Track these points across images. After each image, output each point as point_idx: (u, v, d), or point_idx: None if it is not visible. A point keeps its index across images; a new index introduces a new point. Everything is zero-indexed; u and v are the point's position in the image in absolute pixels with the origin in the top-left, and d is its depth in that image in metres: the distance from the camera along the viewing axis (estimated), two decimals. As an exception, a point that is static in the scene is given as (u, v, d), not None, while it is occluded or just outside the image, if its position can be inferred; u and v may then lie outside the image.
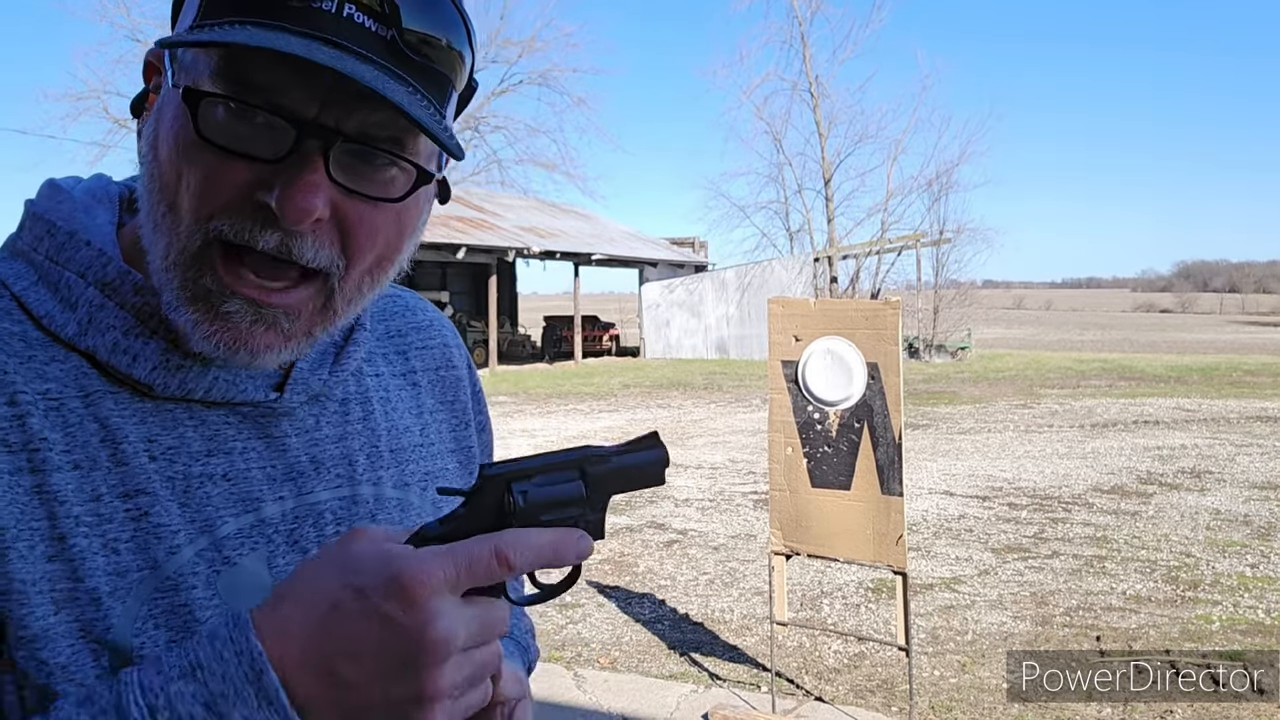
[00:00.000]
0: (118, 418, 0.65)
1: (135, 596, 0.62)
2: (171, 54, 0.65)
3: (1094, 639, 4.42)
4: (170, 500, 0.65)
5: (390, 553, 0.56)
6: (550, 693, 3.89)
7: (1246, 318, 67.15)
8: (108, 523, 0.62)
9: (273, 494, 0.69)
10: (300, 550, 0.70)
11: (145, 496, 0.64)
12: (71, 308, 0.66)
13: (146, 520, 0.64)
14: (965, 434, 11.33)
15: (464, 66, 0.67)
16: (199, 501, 0.66)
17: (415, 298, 0.92)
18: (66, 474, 0.62)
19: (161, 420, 0.66)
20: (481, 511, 0.60)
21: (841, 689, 3.93)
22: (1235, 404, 13.93)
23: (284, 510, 0.70)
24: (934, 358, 24.82)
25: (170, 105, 0.64)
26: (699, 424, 12.82)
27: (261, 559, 0.68)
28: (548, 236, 25.62)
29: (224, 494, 0.67)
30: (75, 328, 0.65)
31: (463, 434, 0.88)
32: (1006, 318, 53.91)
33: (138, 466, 0.64)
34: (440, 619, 0.54)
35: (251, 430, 0.70)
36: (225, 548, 0.66)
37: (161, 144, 0.63)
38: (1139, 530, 6.48)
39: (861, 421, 3.43)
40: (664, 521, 6.96)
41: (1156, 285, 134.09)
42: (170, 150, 0.62)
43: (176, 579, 0.63)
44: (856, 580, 5.35)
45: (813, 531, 3.54)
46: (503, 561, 0.57)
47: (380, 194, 0.64)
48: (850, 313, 3.51)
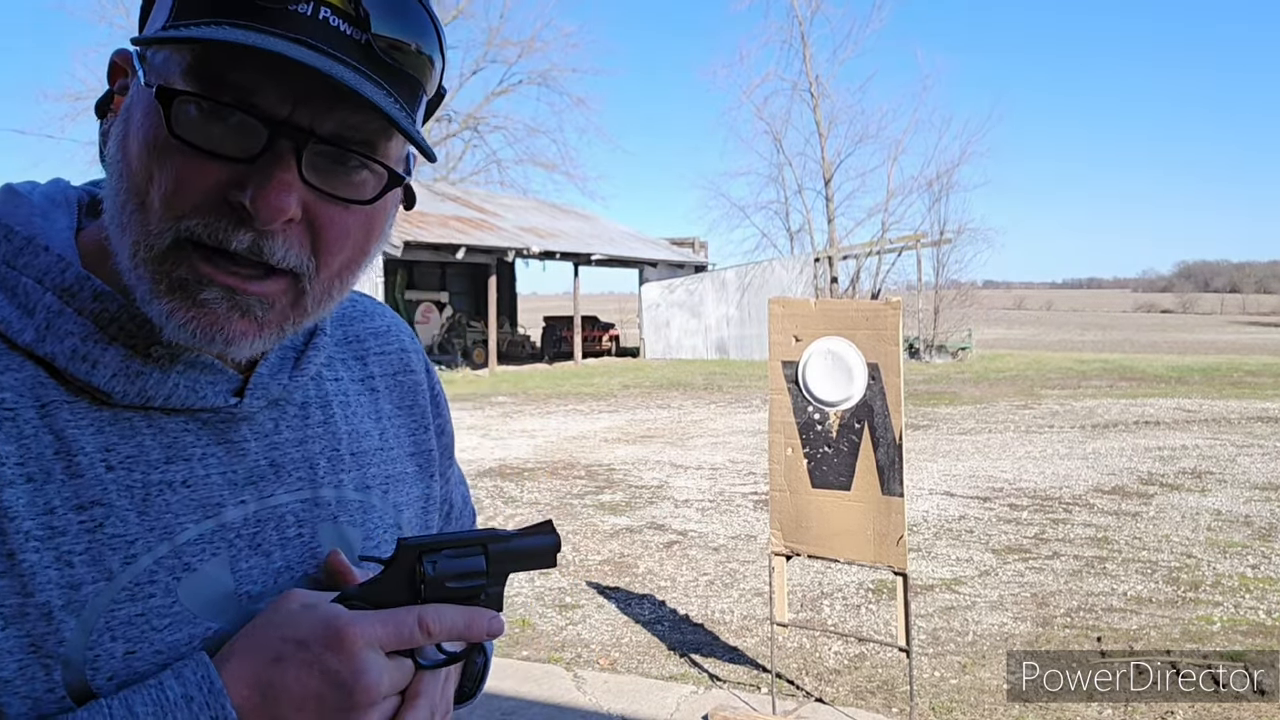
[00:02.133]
0: (74, 429, 0.64)
1: (90, 608, 0.62)
2: (142, 54, 0.64)
3: (1095, 640, 4.41)
4: (128, 510, 0.64)
5: (330, 611, 0.64)
6: (550, 693, 3.88)
7: (1247, 318, 67.13)
8: (60, 535, 0.62)
9: (234, 498, 0.70)
10: (263, 554, 0.70)
11: (100, 508, 0.64)
12: (29, 313, 0.65)
13: (101, 531, 0.63)
14: (966, 434, 11.32)
15: (434, 72, 0.68)
16: (158, 509, 0.66)
17: (373, 302, 0.92)
18: (19, 488, 0.61)
19: (119, 429, 0.66)
20: (397, 575, 0.67)
21: (842, 690, 3.92)
22: (1236, 404, 13.93)
23: (245, 514, 0.70)
24: (934, 358, 24.81)
25: (140, 104, 0.63)
26: (699, 424, 12.81)
27: (224, 563, 0.68)
28: (547, 237, 25.61)
29: (183, 500, 0.67)
30: (32, 334, 0.64)
31: (421, 438, 0.89)
32: (1007, 318, 53.89)
33: (93, 477, 0.64)
34: (370, 670, 0.63)
35: (211, 436, 0.70)
36: (186, 554, 0.66)
37: (131, 143, 0.63)
38: (1140, 531, 6.47)
39: (862, 422, 3.43)
40: (664, 522, 6.96)
41: (1157, 285, 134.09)
42: (141, 150, 0.62)
43: (133, 588, 0.63)
44: (857, 581, 5.35)
45: (813, 532, 3.53)
46: (424, 629, 0.65)
47: (352, 196, 0.64)
48: (851, 313, 3.51)
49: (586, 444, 11.00)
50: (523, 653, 4.39)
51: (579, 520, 7.05)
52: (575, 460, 9.81)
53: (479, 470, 9.16)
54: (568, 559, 6.01)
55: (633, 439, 11.41)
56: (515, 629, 4.73)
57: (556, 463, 9.67)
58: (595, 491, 8.13)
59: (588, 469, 9.28)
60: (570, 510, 7.40)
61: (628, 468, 9.31)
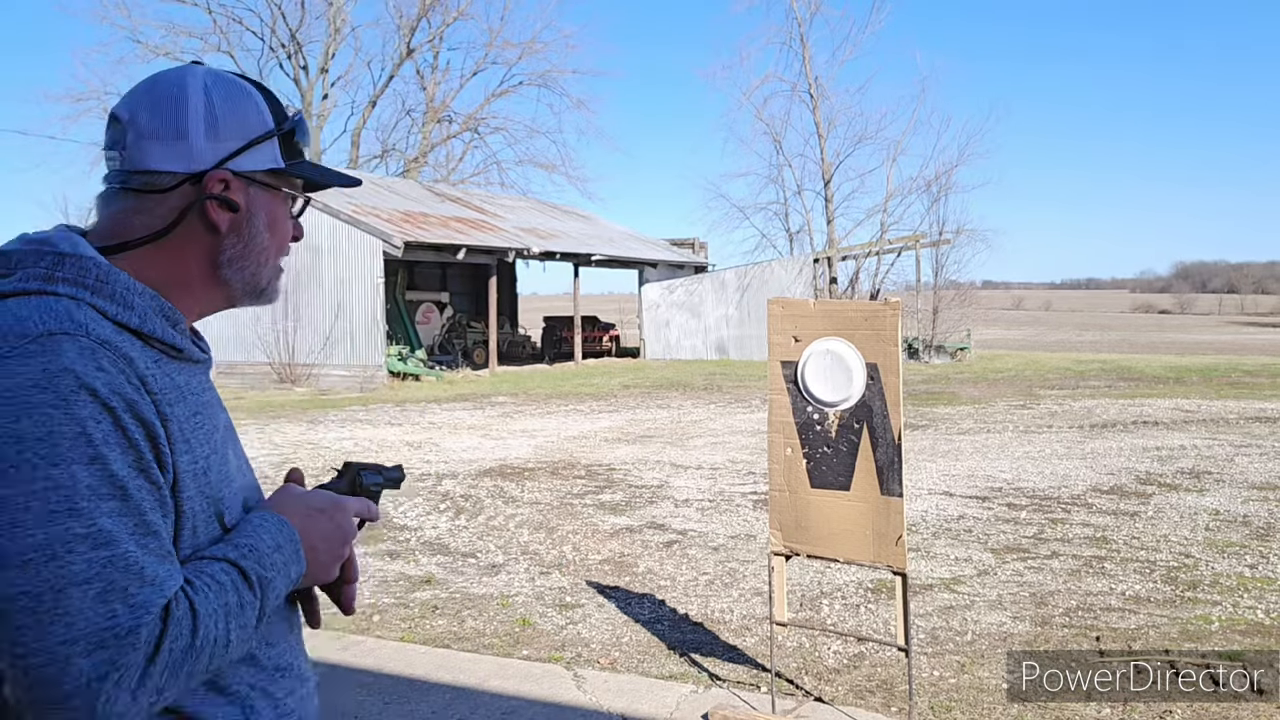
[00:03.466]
0: (173, 372, 1.07)
1: (214, 475, 1.08)
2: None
3: (1093, 639, 4.43)
4: (202, 415, 1.11)
5: (330, 494, 1.21)
6: (550, 692, 3.90)
7: (1245, 318, 67.16)
8: (188, 438, 1.06)
9: (221, 412, 1.17)
10: (236, 440, 1.20)
11: (199, 415, 1.10)
12: (130, 308, 1.04)
13: (201, 429, 1.09)
14: (964, 434, 11.33)
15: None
16: (208, 415, 1.11)
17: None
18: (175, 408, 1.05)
19: (184, 370, 1.10)
20: (346, 480, 1.29)
21: (841, 689, 3.93)
22: (1234, 404, 13.94)
23: (226, 421, 1.18)
24: (933, 358, 24.82)
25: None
26: (699, 424, 12.82)
27: (230, 447, 1.16)
28: (548, 237, 25.61)
29: (211, 411, 1.13)
30: (137, 319, 1.04)
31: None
32: (1006, 318, 53.90)
33: (192, 399, 1.09)
34: (350, 523, 1.20)
35: (204, 376, 1.15)
36: (219, 439, 1.13)
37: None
38: (1138, 531, 6.49)
39: (861, 422, 3.44)
40: (664, 522, 6.97)
41: (1155, 286, 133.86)
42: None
43: (218, 459, 1.11)
44: (856, 581, 5.36)
45: (812, 532, 3.55)
46: (368, 511, 1.23)
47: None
48: (850, 313, 3.52)
49: (587, 444, 11.01)
50: (523, 652, 4.41)
51: (579, 520, 7.06)
52: (575, 460, 9.82)
53: (479, 470, 9.17)
54: (568, 558, 6.02)
55: (633, 439, 11.41)
56: (515, 628, 4.74)
57: (557, 463, 9.67)
58: (595, 491, 8.14)
59: (588, 469, 9.29)
60: (570, 510, 7.41)
61: (628, 468, 9.32)
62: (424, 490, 8.25)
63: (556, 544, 6.40)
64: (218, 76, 1.12)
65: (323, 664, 4.23)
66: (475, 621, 4.85)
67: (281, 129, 1.14)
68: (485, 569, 5.83)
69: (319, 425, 13.11)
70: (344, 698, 3.85)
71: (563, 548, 6.30)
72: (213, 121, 1.08)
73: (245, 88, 1.13)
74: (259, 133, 1.11)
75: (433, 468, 9.33)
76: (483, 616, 4.93)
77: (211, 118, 1.08)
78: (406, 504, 7.66)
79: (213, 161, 1.09)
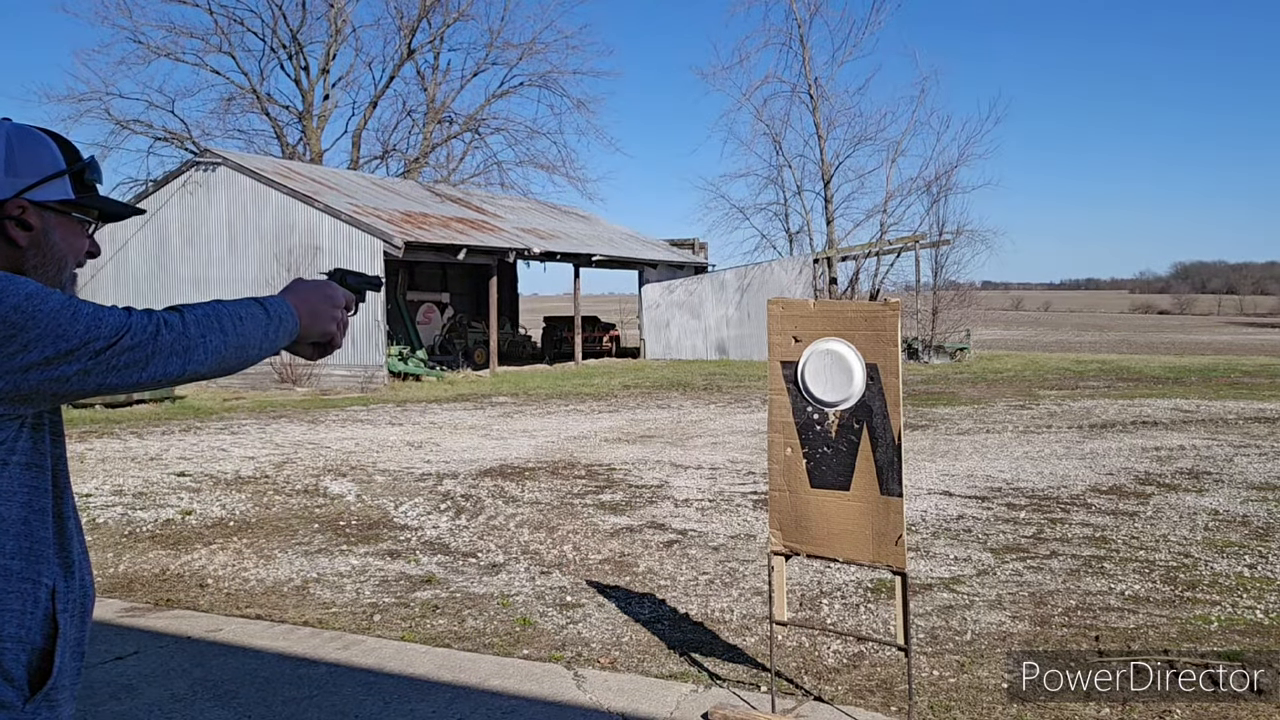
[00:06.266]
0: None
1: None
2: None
3: (1093, 639, 4.43)
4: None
5: (327, 280, 1.67)
6: (550, 692, 3.90)
7: (1244, 319, 67.19)
8: None
9: None
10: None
11: None
12: None
13: None
14: (964, 435, 11.34)
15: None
16: None
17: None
18: None
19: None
20: (336, 279, 1.69)
21: (841, 689, 3.94)
22: (1233, 405, 13.95)
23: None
24: (933, 359, 24.83)
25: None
26: (699, 424, 12.83)
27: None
28: (548, 238, 25.62)
29: None
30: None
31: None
32: (1005, 319, 53.89)
33: None
34: (339, 293, 1.64)
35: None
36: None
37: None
38: (1137, 531, 6.49)
39: (861, 422, 3.44)
40: (664, 522, 6.97)
41: (1154, 286, 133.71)
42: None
43: None
44: (856, 580, 5.37)
45: (812, 532, 3.55)
46: (350, 299, 1.68)
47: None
48: (850, 314, 3.53)
49: (587, 444, 11.02)
50: (523, 651, 4.41)
51: (579, 519, 7.07)
52: (576, 460, 9.83)
53: (480, 470, 9.17)
54: (568, 558, 6.03)
55: (633, 439, 11.42)
56: (516, 627, 4.75)
57: (557, 462, 9.68)
58: (595, 491, 8.15)
59: (588, 469, 9.30)
60: (571, 509, 7.42)
61: (628, 467, 9.33)
62: (424, 490, 8.26)
63: (557, 544, 6.40)
64: (20, 128, 1.44)
65: (323, 663, 4.24)
66: (475, 621, 4.86)
67: (72, 168, 1.45)
68: (485, 568, 5.83)
69: (320, 425, 13.12)
70: (344, 697, 3.86)
71: (563, 547, 6.31)
72: (12, 162, 1.40)
73: (42, 137, 1.45)
74: (50, 171, 1.43)
75: (433, 467, 9.34)
76: (483, 616, 4.94)
77: (11, 159, 1.40)
78: (407, 504, 7.67)
79: (11, 193, 1.39)
